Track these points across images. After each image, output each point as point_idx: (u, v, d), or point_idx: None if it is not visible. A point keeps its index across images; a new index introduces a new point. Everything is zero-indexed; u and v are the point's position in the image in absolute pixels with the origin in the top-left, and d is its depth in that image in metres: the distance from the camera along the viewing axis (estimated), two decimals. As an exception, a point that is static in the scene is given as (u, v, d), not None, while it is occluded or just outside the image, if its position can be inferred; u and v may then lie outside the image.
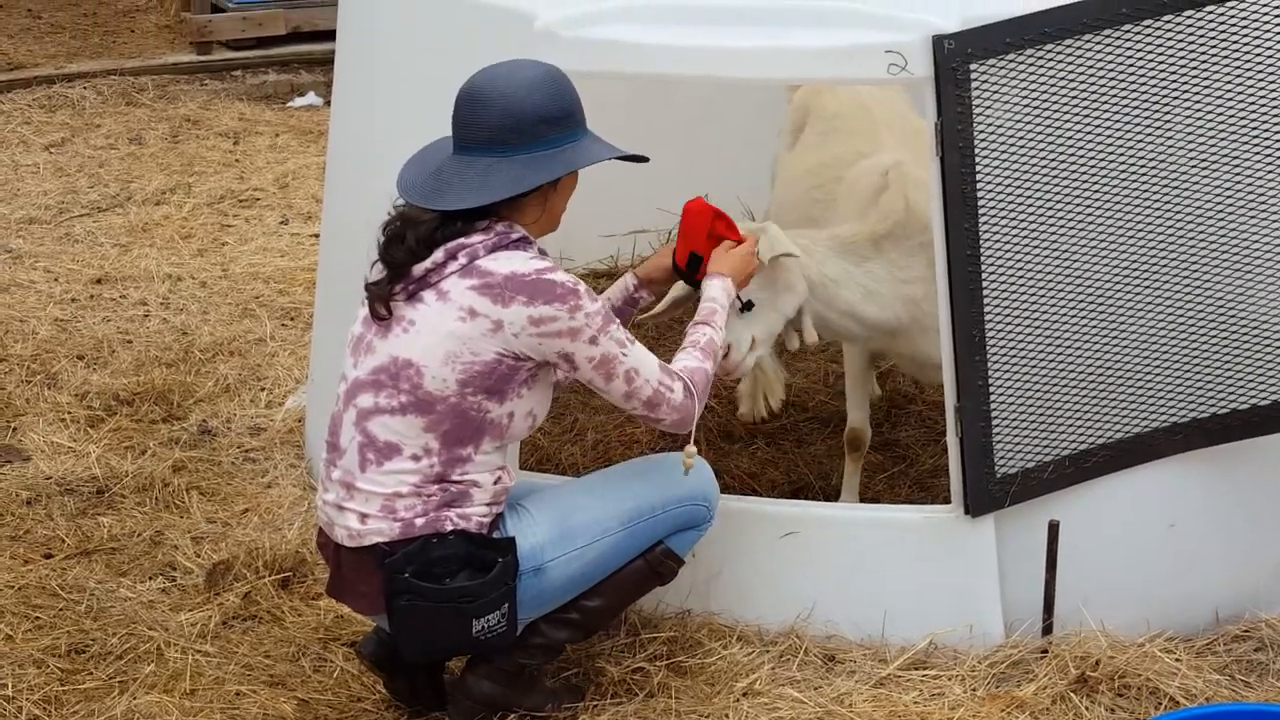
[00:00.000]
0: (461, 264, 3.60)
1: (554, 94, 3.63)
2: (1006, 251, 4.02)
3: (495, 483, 3.70)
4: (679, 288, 4.28)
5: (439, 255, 3.61)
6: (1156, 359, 4.16)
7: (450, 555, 3.62)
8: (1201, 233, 4.12)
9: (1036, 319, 4.07)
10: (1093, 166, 4.03)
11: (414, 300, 3.63)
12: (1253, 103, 4.07)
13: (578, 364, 3.64)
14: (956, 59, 3.89)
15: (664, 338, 5.96)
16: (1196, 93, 4.04)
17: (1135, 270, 4.11)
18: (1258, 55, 4.05)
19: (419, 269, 3.62)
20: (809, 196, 4.86)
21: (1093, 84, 3.98)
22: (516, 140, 3.60)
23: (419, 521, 3.63)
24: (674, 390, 3.72)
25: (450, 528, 3.64)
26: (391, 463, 3.63)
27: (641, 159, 3.79)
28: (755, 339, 4.18)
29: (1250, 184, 4.11)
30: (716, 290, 3.97)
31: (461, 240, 3.61)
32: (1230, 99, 4.06)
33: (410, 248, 3.61)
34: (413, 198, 3.65)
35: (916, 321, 4.44)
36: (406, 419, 3.62)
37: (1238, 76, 4.05)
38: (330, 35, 6.14)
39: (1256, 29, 4.04)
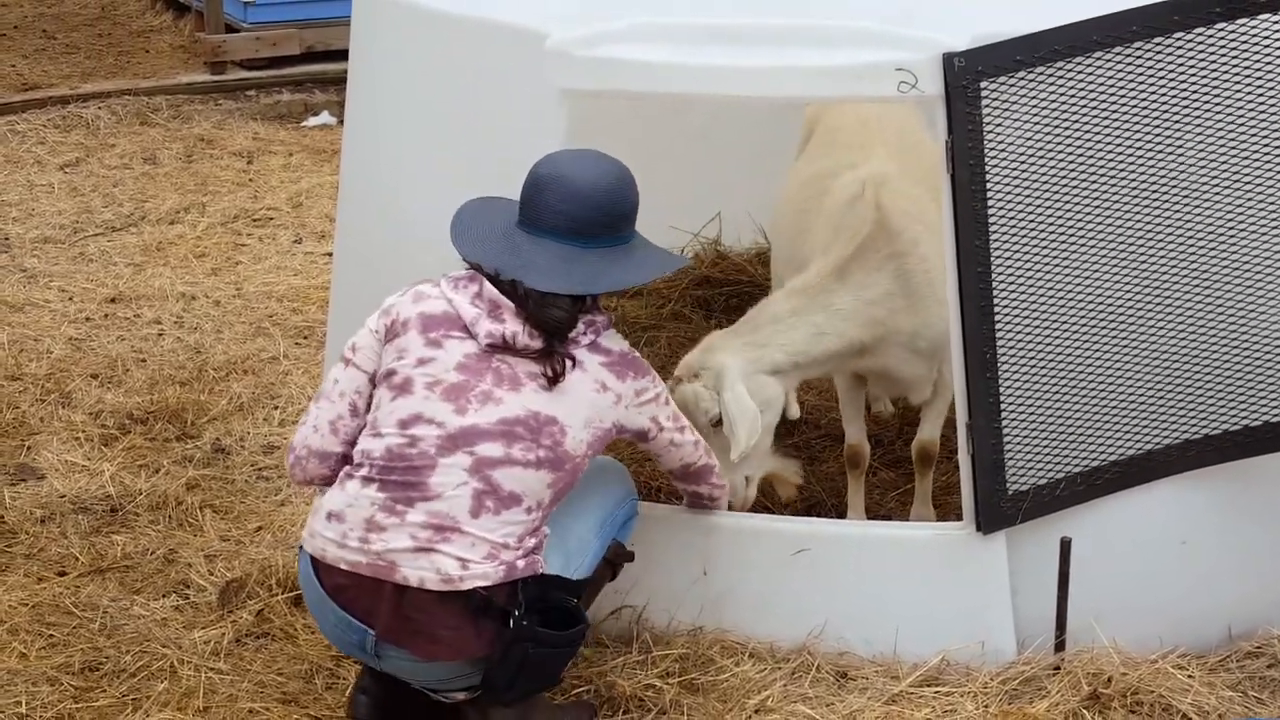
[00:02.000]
0: (590, 340, 3.79)
1: (630, 191, 3.87)
2: (1017, 269, 4.02)
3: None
4: None
5: (581, 327, 3.78)
6: (1168, 375, 4.16)
7: (536, 596, 3.69)
8: (1212, 249, 4.12)
9: (1048, 336, 4.07)
10: (1104, 183, 4.03)
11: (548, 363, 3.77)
12: (1264, 120, 4.07)
13: (663, 425, 3.91)
14: (967, 77, 3.89)
15: (677, 357, 5.97)
16: (1207, 110, 4.04)
17: (1146, 287, 4.11)
18: (1269, 72, 4.05)
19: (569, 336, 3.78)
20: (802, 206, 4.88)
21: (1103, 101, 3.98)
22: (602, 234, 3.80)
23: (520, 563, 3.69)
24: (710, 461, 4.09)
25: (540, 569, 3.73)
26: (509, 512, 3.68)
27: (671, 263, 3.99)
28: (749, 478, 4.40)
29: (1261, 200, 4.11)
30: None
31: (592, 317, 3.80)
32: (1241, 116, 4.06)
33: (563, 319, 3.73)
34: (557, 285, 3.72)
35: (882, 340, 4.49)
36: (539, 473, 3.71)
37: (1248, 93, 4.05)
38: (344, 54, 6.15)
39: (1267, 46, 4.04)
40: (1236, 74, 4.04)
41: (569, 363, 3.74)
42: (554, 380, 3.73)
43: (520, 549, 3.69)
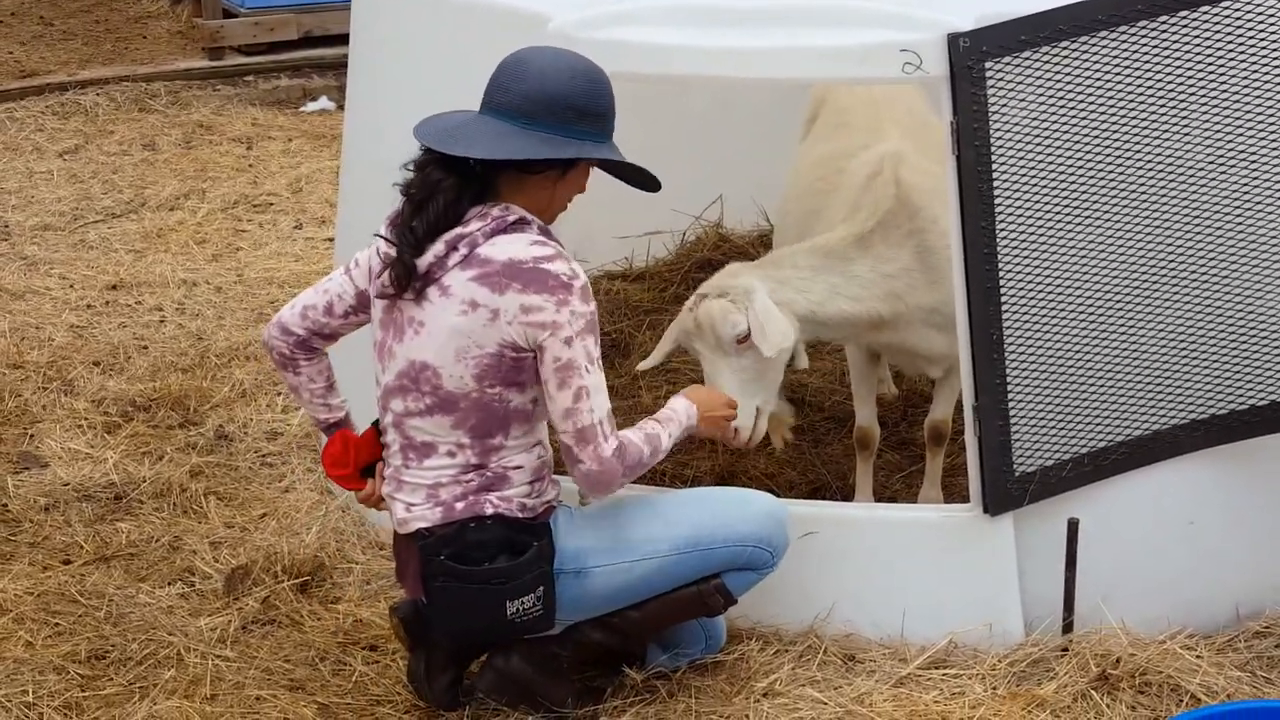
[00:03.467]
0: (462, 254, 3.62)
1: (591, 90, 3.65)
2: (1023, 250, 4.01)
3: (537, 459, 3.76)
4: (671, 338, 4.34)
5: (440, 248, 3.63)
6: (1175, 356, 4.15)
7: (487, 540, 3.69)
8: (1219, 229, 4.11)
9: (1054, 317, 4.06)
10: (1109, 163, 4.02)
11: (421, 300, 3.67)
12: (1270, 98, 4.06)
13: (544, 360, 3.62)
14: (972, 57, 3.88)
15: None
16: (1213, 89, 4.03)
17: (1153, 267, 4.10)
18: (1275, 50, 4.04)
19: (423, 264, 3.64)
20: (813, 187, 4.87)
21: (1109, 80, 3.97)
22: (542, 116, 3.61)
23: (459, 505, 3.70)
24: (607, 441, 3.66)
25: (490, 511, 3.70)
26: (430, 460, 3.73)
27: (652, 183, 3.81)
28: (760, 408, 4.25)
29: (1268, 179, 4.10)
30: (680, 406, 3.89)
31: (459, 231, 3.63)
32: (1247, 95, 4.05)
33: (443, 200, 3.61)
34: (429, 141, 3.66)
35: (899, 315, 4.47)
36: (435, 419, 3.69)
37: (1255, 72, 4.04)
38: (342, 39, 6.14)
39: (1273, 23, 4.02)
40: (1242, 52, 4.03)
41: (432, 291, 3.62)
42: (398, 289, 3.63)
43: (460, 491, 3.69)
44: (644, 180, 3.81)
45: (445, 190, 3.63)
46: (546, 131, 3.61)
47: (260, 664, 4.17)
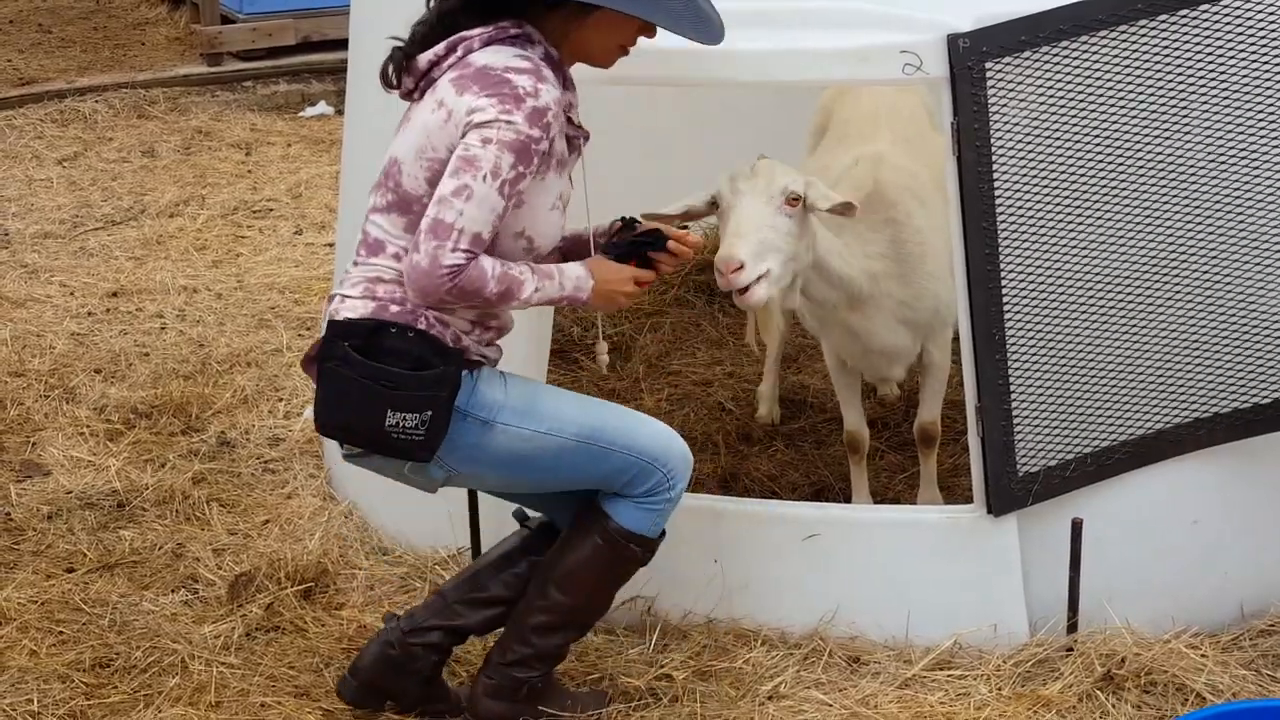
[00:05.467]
0: (458, 56, 3.52)
1: None
2: (1025, 249, 4.01)
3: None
4: (701, 197, 4.18)
5: (441, 48, 3.54)
6: (1177, 354, 4.15)
7: (402, 349, 3.53)
8: (1220, 227, 4.11)
9: (1056, 317, 4.06)
10: (1110, 163, 4.02)
11: (419, 99, 3.58)
12: (1270, 96, 4.06)
13: (455, 149, 3.45)
14: (972, 58, 3.88)
15: (680, 343, 5.97)
16: (1213, 87, 4.03)
17: (1154, 266, 4.10)
18: (1274, 47, 4.03)
19: (424, 61, 3.55)
20: None
21: (1109, 80, 3.97)
22: None
23: (393, 307, 3.56)
24: (453, 253, 3.43)
25: (422, 325, 3.56)
26: (376, 259, 3.60)
27: (710, 35, 3.56)
28: (767, 275, 4.03)
29: (1269, 177, 4.10)
30: (574, 271, 3.65)
31: (463, 33, 3.52)
32: (1247, 92, 4.05)
33: (430, 21, 3.54)
34: None
35: (874, 298, 4.45)
36: (390, 217, 3.58)
37: (1254, 70, 4.04)
38: (341, 44, 6.14)
39: (1272, 21, 4.02)
40: (1242, 50, 4.03)
41: (427, 90, 3.53)
42: (385, 81, 3.58)
43: (399, 295, 3.55)
44: (700, 32, 3.53)
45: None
46: None
47: (264, 671, 4.17)
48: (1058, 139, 3.98)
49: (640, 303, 6.17)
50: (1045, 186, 3.99)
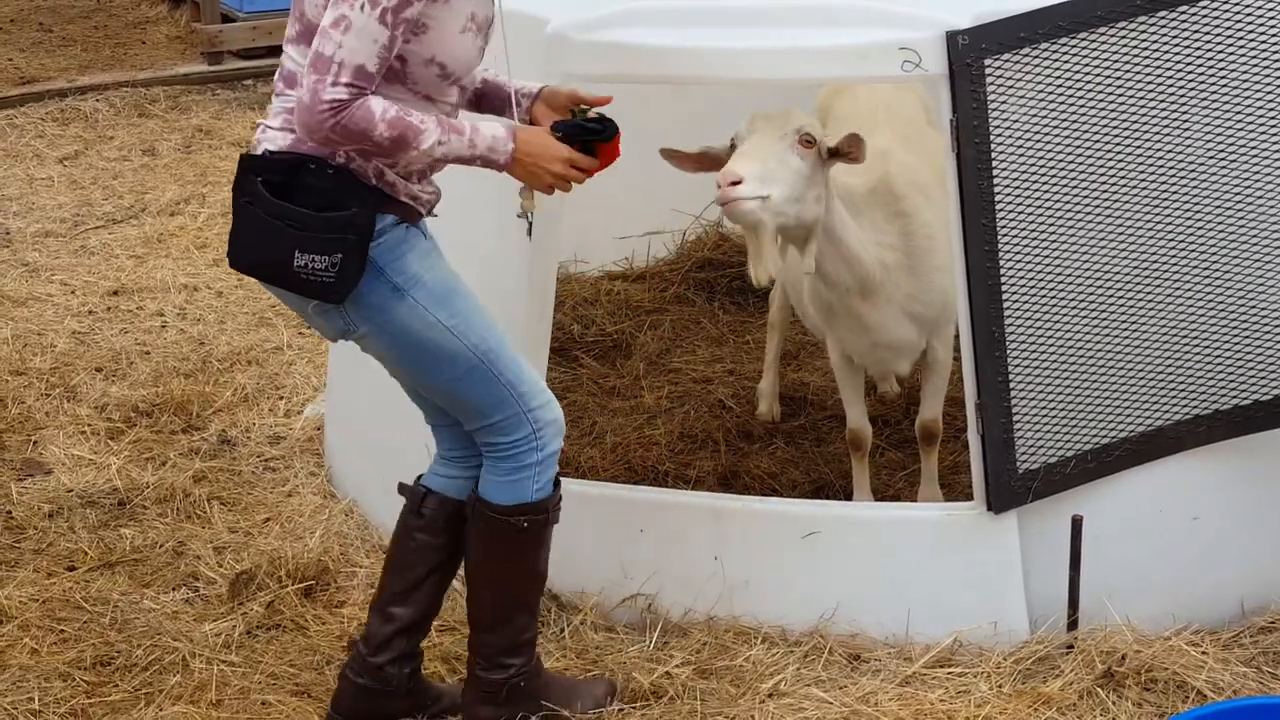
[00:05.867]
0: None
1: None
2: (1025, 247, 4.01)
3: None
4: (711, 149, 4.13)
5: None
6: (1177, 351, 4.15)
7: (319, 187, 3.45)
8: (1220, 224, 4.11)
9: (1056, 314, 4.06)
10: (1110, 160, 4.02)
11: None
12: (1269, 93, 4.06)
13: None
14: (970, 55, 3.88)
15: (680, 340, 5.97)
16: (1212, 83, 4.03)
17: (1154, 262, 4.10)
18: (1274, 45, 4.03)
19: None
20: None
21: (1108, 77, 3.97)
22: None
23: (310, 144, 3.46)
24: (337, 85, 3.32)
25: (340, 159, 3.47)
26: (293, 90, 3.51)
27: None
28: (771, 198, 3.99)
29: (1269, 174, 4.10)
30: (494, 131, 3.52)
31: None
32: (1246, 89, 4.05)
33: None
34: None
35: (884, 289, 4.45)
36: (300, 48, 3.50)
37: (1254, 67, 4.04)
38: (342, 43, 6.13)
39: (1272, 18, 4.02)
40: (1242, 47, 4.02)
41: None
42: None
43: None
44: None
45: None
46: None
47: (265, 669, 4.17)
48: (1057, 136, 3.98)
49: (640, 300, 6.17)
50: (1045, 183, 3.99)
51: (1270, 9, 4.02)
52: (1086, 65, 3.96)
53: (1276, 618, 4.25)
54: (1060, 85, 3.95)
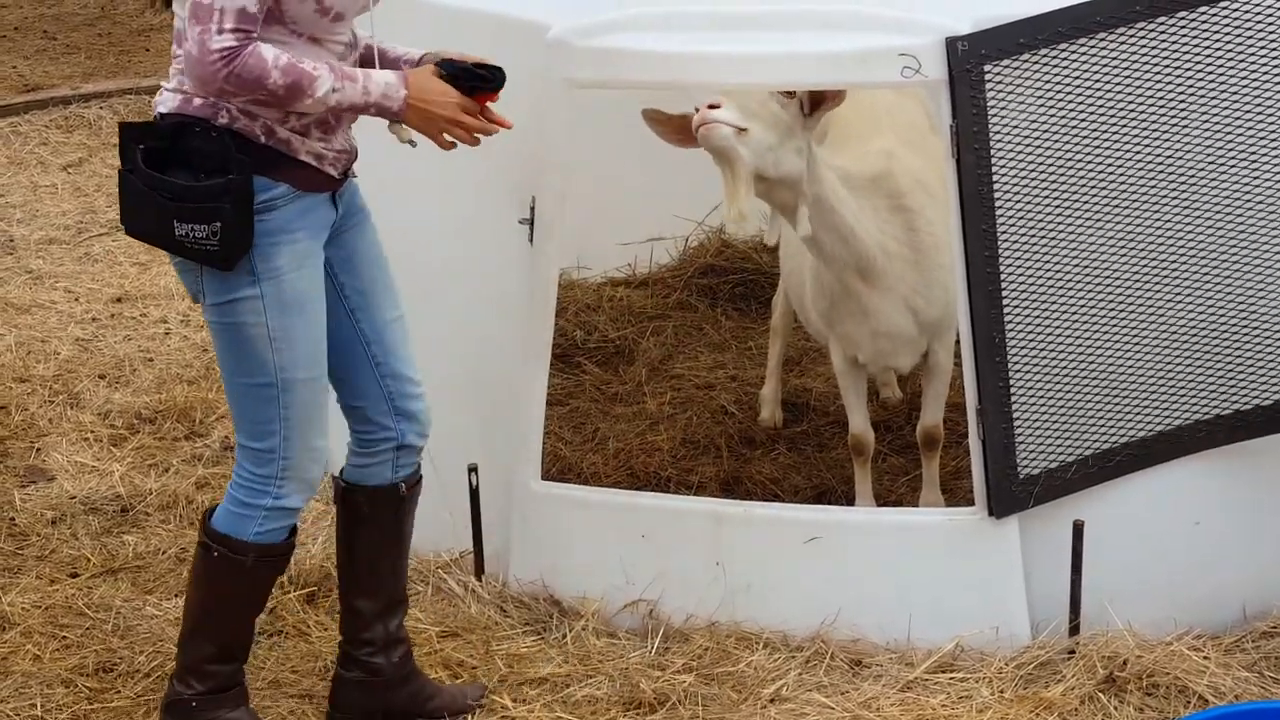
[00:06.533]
0: None
1: None
2: (1025, 252, 4.01)
3: None
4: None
5: None
6: (1178, 356, 4.15)
7: (205, 150, 3.39)
8: (1220, 228, 4.11)
9: (1056, 319, 4.06)
10: (1110, 165, 4.02)
11: None
12: (1268, 98, 4.06)
13: None
14: (970, 60, 3.88)
15: (683, 346, 5.97)
16: (1213, 89, 4.03)
17: (1155, 267, 4.10)
18: (1273, 50, 4.03)
19: None
20: None
21: (1108, 82, 3.97)
22: None
23: (197, 100, 3.41)
24: (223, 33, 3.25)
25: (224, 120, 3.41)
26: (183, 47, 3.40)
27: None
28: (750, 133, 4.02)
29: (1268, 179, 4.10)
30: (385, 78, 3.46)
31: None
32: (1247, 95, 4.05)
33: None
34: None
35: (885, 276, 4.45)
36: (187, 5, 3.34)
37: (1253, 72, 4.04)
38: (344, 50, 6.14)
39: (1271, 23, 4.02)
40: (1241, 52, 4.03)
41: None
42: None
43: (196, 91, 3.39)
44: None
45: None
46: None
47: (267, 675, 4.17)
48: (1057, 142, 3.98)
49: (642, 306, 6.17)
50: (1045, 189, 3.99)
51: (1271, 15, 4.02)
52: (1086, 71, 3.96)
53: (1278, 622, 4.25)
54: (1060, 91, 3.95)
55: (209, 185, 3.37)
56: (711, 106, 3.98)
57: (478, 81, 3.51)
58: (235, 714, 3.76)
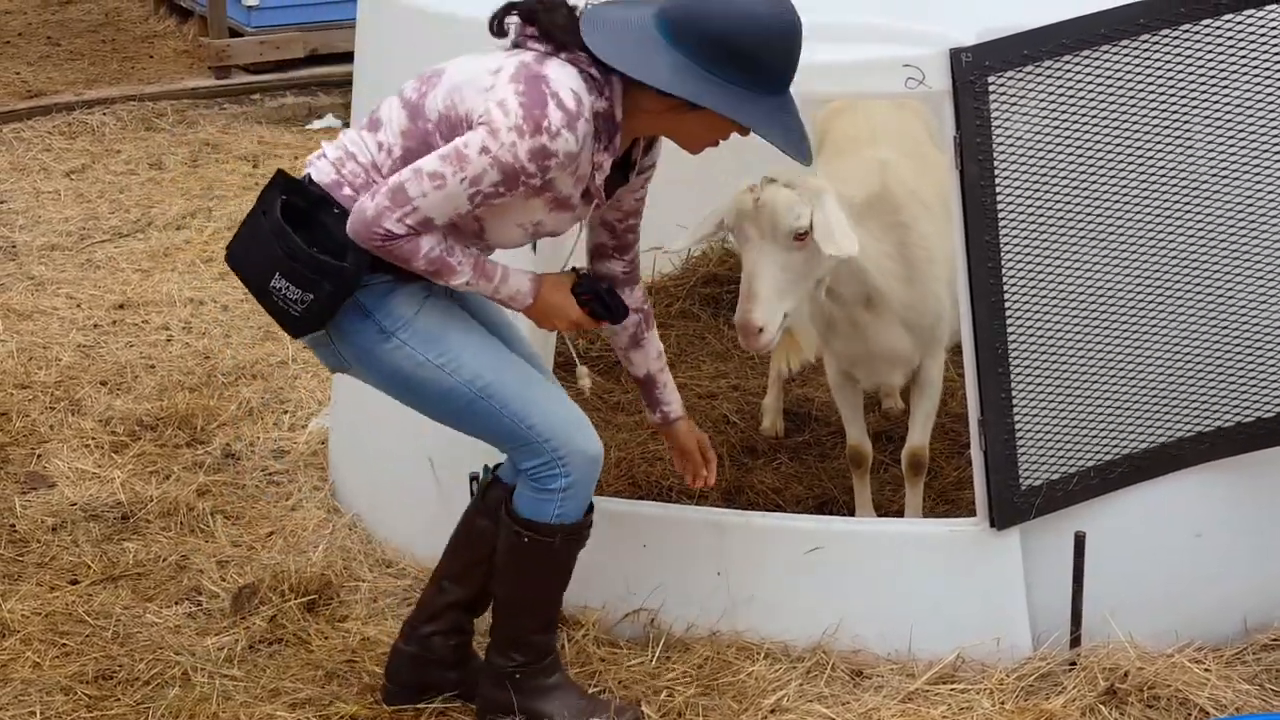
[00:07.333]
0: (542, 50, 3.50)
1: (754, 32, 3.40)
2: (1028, 264, 4.01)
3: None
4: (715, 219, 4.20)
5: (531, 30, 3.53)
6: (1180, 368, 4.15)
7: (329, 226, 3.54)
8: (1223, 241, 4.11)
9: (1058, 331, 4.06)
10: (1113, 177, 4.02)
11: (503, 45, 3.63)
12: (1273, 112, 4.06)
13: (471, 121, 3.46)
14: (974, 72, 3.88)
15: (685, 355, 5.97)
16: (1215, 102, 4.03)
17: (1157, 280, 4.10)
18: (1277, 63, 4.04)
19: (518, 32, 3.57)
20: None
21: (1111, 94, 3.97)
22: (689, 40, 3.42)
23: (347, 190, 3.57)
24: (402, 223, 3.44)
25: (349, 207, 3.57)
26: (369, 134, 3.60)
27: (800, 156, 3.54)
28: (787, 314, 4.07)
29: (1271, 192, 4.10)
30: (521, 284, 3.64)
31: (570, 41, 3.48)
32: (1249, 108, 4.05)
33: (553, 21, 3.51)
34: (587, 17, 3.51)
35: (883, 298, 4.44)
36: (403, 112, 3.57)
37: (1256, 85, 4.04)
38: (348, 57, 6.15)
39: (1274, 37, 4.02)
40: (1244, 66, 4.03)
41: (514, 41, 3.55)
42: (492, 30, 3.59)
43: (363, 180, 3.56)
44: (793, 150, 3.52)
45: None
46: (686, 56, 3.42)
47: (267, 683, 4.17)
48: (1060, 153, 3.98)
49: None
50: (1048, 200, 3.99)
51: (1273, 27, 4.02)
52: (1090, 83, 3.96)
53: (1279, 634, 4.24)
54: (1063, 102, 3.95)
55: (322, 261, 3.52)
56: (759, 331, 3.99)
57: (602, 311, 3.77)
58: (554, 679, 3.90)
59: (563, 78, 3.44)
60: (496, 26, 3.60)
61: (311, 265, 3.52)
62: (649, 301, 4.08)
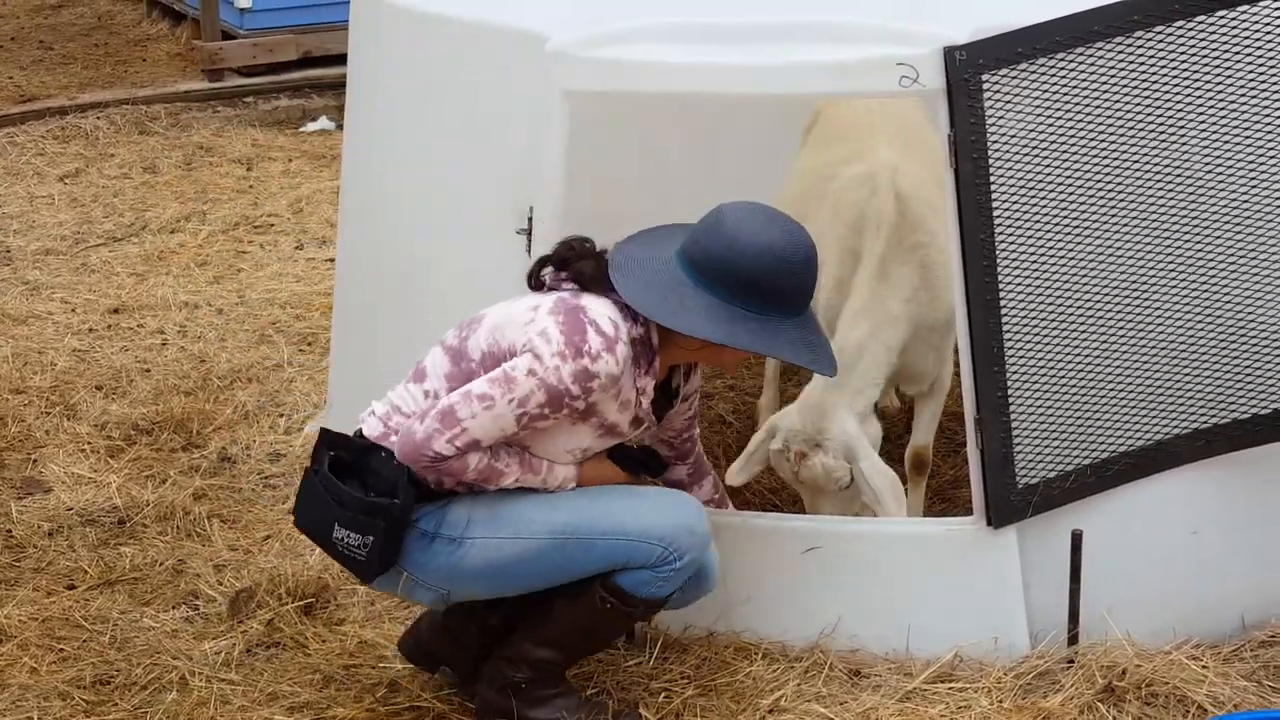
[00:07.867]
0: (576, 286, 3.73)
1: (780, 268, 3.63)
2: (1023, 262, 4.01)
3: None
4: (760, 459, 4.44)
5: (566, 275, 3.75)
6: (1176, 366, 4.15)
7: (380, 473, 3.68)
8: (1219, 238, 4.11)
9: (1055, 328, 4.06)
10: (1108, 174, 4.02)
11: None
12: (1267, 107, 4.06)
13: (514, 351, 3.64)
14: (968, 70, 3.88)
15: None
16: (1210, 98, 4.03)
17: (1153, 277, 4.10)
18: (1271, 59, 4.04)
19: (553, 279, 3.78)
20: (802, 195, 4.85)
21: (1106, 92, 3.97)
22: (716, 281, 3.64)
23: (394, 437, 3.73)
24: (451, 444, 3.60)
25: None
26: (413, 385, 3.78)
27: (824, 368, 3.73)
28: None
29: (1267, 188, 4.10)
30: (566, 475, 3.78)
31: (603, 296, 3.69)
32: (1245, 105, 4.05)
33: (584, 269, 3.73)
34: (615, 263, 3.70)
35: (913, 334, 4.50)
36: (444, 359, 3.74)
37: (1252, 82, 4.04)
38: (341, 59, 6.15)
39: (1269, 33, 4.03)
40: (1239, 62, 4.03)
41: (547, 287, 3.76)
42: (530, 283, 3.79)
43: (405, 426, 3.70)
44: (819, 367, 3.72)
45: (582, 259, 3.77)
46: (714, 295, 3.64)
47: (264, 687, 4.16)
48: (1055, 151, 3.98)
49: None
50: (1043, 198, 3.99)
51: (1268, 25, 4.03)
52: (1084, 80, 3.96)
53: (1277, 631, 4.24)
54: (1058, 100, 3.95)
55: (373, 502, 3.66)
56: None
57: (643, 469, 3.94)
58: (560, 688, 3.91)
59: (599, 307, 3.65)
60: (534, 281, 3.79)
61: (363, 508, 3.65)
62: (720, 489, 4.27)
